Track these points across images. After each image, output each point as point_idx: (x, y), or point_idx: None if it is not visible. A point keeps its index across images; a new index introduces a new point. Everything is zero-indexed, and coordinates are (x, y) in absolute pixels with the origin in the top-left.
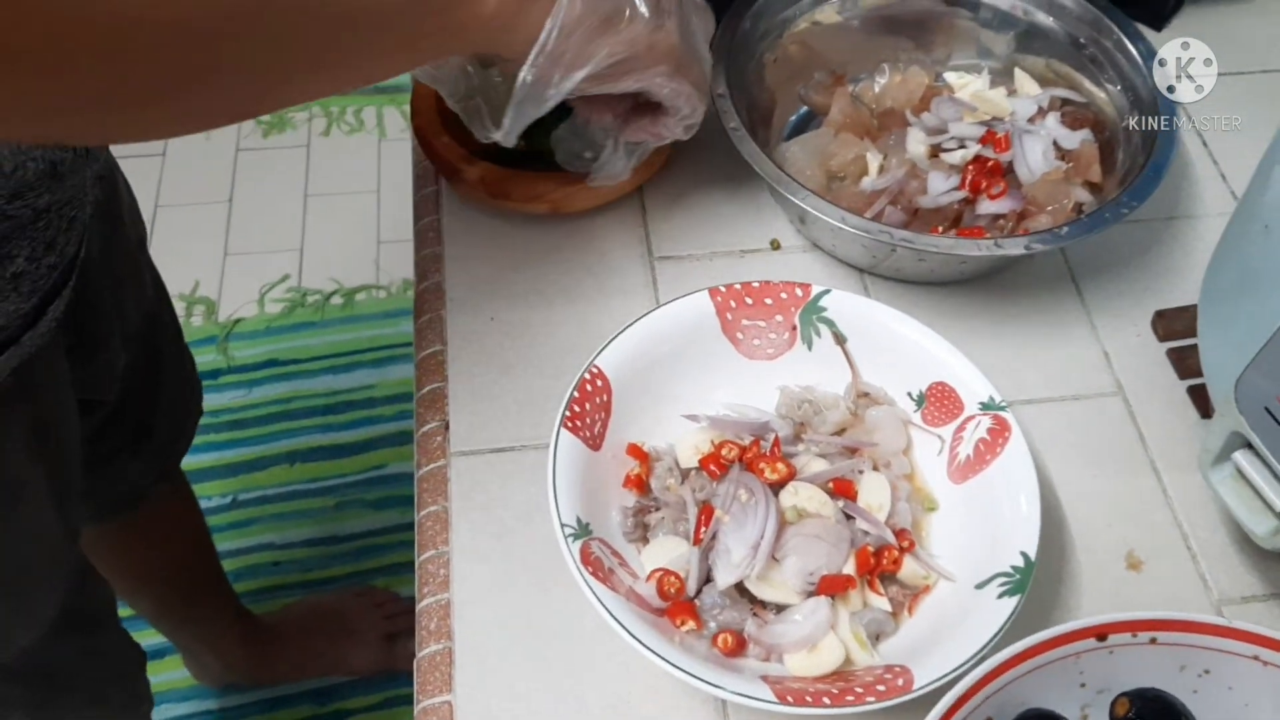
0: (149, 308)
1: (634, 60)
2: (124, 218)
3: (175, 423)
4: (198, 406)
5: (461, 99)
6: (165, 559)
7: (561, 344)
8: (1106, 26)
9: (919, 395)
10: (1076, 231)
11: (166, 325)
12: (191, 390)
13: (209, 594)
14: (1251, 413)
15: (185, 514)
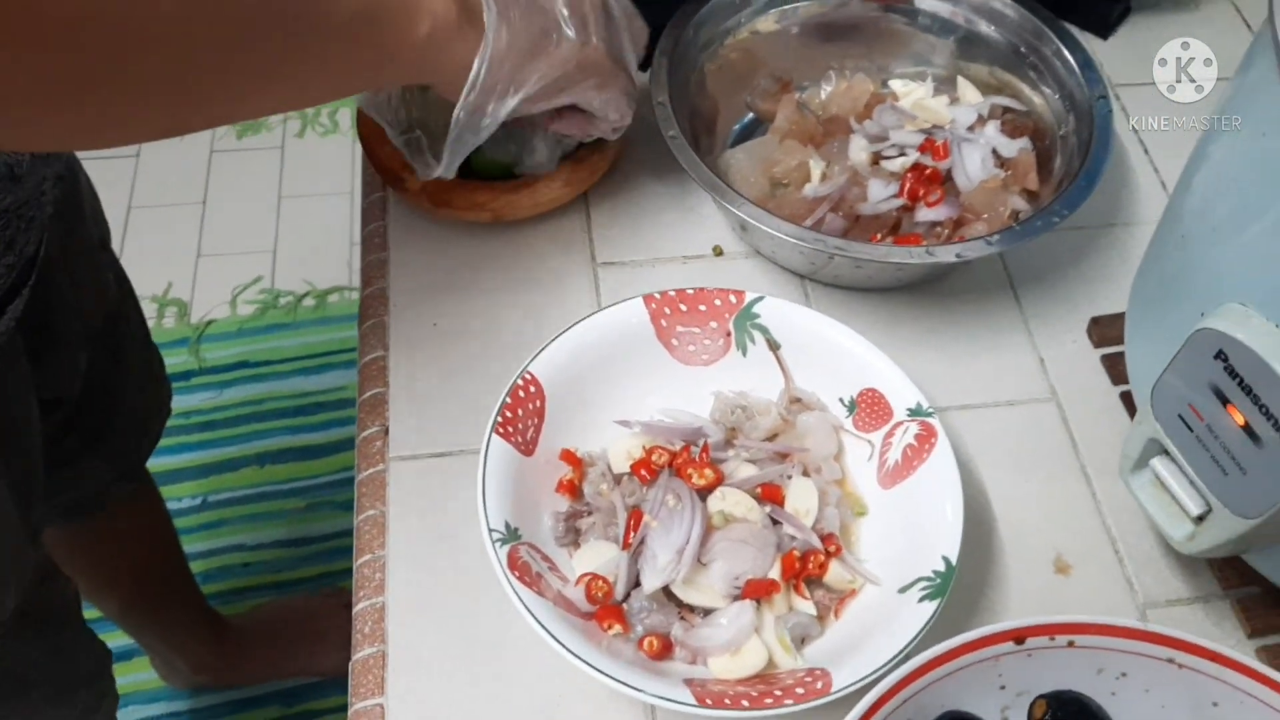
0: (111, 307)
1: (565, 79)
2: (85, 217)
3: (139, 423)
4: (165, 407)
5: (403, 131)
6: (131, 560)
7: (503, 349)
8: (1045, 34)
9: (850, 401)
10: (1008, 240)
11: (131, 325)
12: (158, 390)
13: (177, 596)
14: (1166, 420)
15: (151, 515)
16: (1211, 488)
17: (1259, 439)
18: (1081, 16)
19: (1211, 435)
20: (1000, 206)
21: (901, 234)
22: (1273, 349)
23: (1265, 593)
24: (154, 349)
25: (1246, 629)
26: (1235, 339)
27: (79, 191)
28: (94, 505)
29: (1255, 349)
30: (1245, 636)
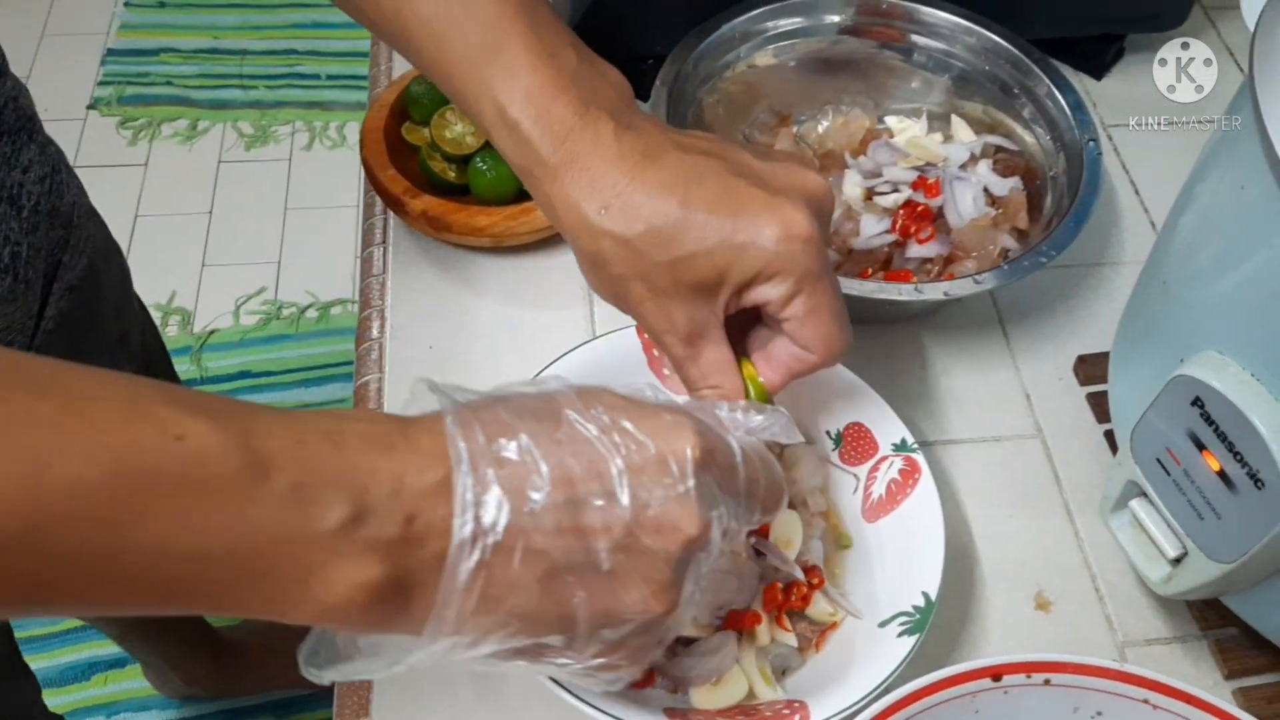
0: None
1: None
2: (103, 317)
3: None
4: None
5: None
6: None
7: (498, 375)
8: (1037, 75)
9: (837, 434)
10: (995, 279)
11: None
12: None
13: (177, 619)
14: (1145, 462)
15: None
16: (1188, 531)
17: (1234, 485)
18: (1076, 57)
19: (1188, 479)
20: (990, 245)
21: (893, 269)
22: (1248, 398)
23: (1243, 634)
24: (175, 378)
25: (1224, 670)
26: (1212, 387)
27: (98, 294)
28: None
29: (1231, 397)
30: (1222, 678)
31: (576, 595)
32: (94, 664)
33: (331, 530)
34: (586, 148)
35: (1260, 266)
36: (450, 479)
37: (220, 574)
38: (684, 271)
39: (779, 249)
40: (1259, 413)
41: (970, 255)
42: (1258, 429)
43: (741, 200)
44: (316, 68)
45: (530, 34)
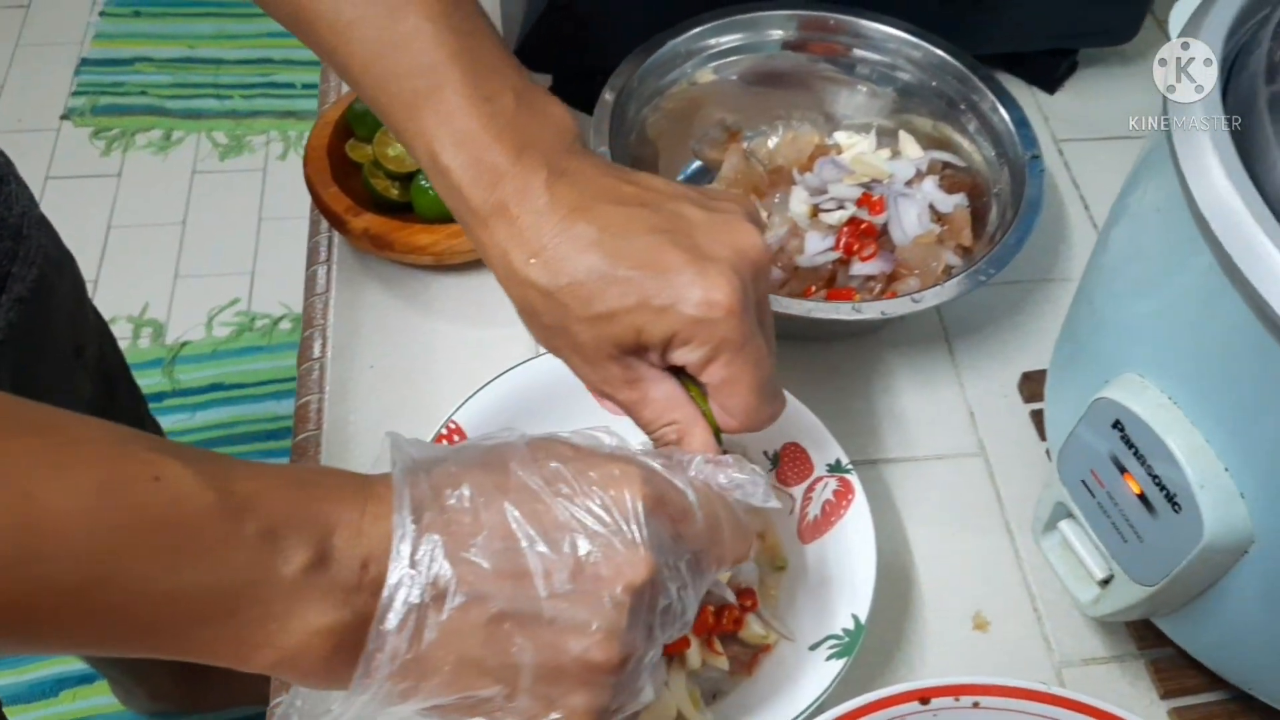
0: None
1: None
2: (57, 329)
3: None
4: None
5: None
6: None
7: (438, 394)
8: (982, 91)
9: (774, 455)
10: (933, 298)
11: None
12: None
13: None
14: (1072, 484)
15: None
16: (1113, 553)
17: (1153, 509)
18: (1028, 71)
19: (1112, 502)
20: (933, 262)
21: (836, 287)
22: (1165, 422)
23: (1179, 654)
24: (136, 390)
25: (1160, 690)
26: (1130, 410)
27: (51, 304)
28: None
29: (1148, 421)
30: (1158, 697)
31: (515, 643)
32: (62, 680)
33: (294, 575)
34: (516, 197)
35: (1174, 289)
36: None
37: (192, 614)
38: (604, 327)
39: (697, 314)
40: (1175, 437)
41: (914, 272)
42: (1174, 453)
43: (667, 262)
44: (291, 76)
45: (466, 79)
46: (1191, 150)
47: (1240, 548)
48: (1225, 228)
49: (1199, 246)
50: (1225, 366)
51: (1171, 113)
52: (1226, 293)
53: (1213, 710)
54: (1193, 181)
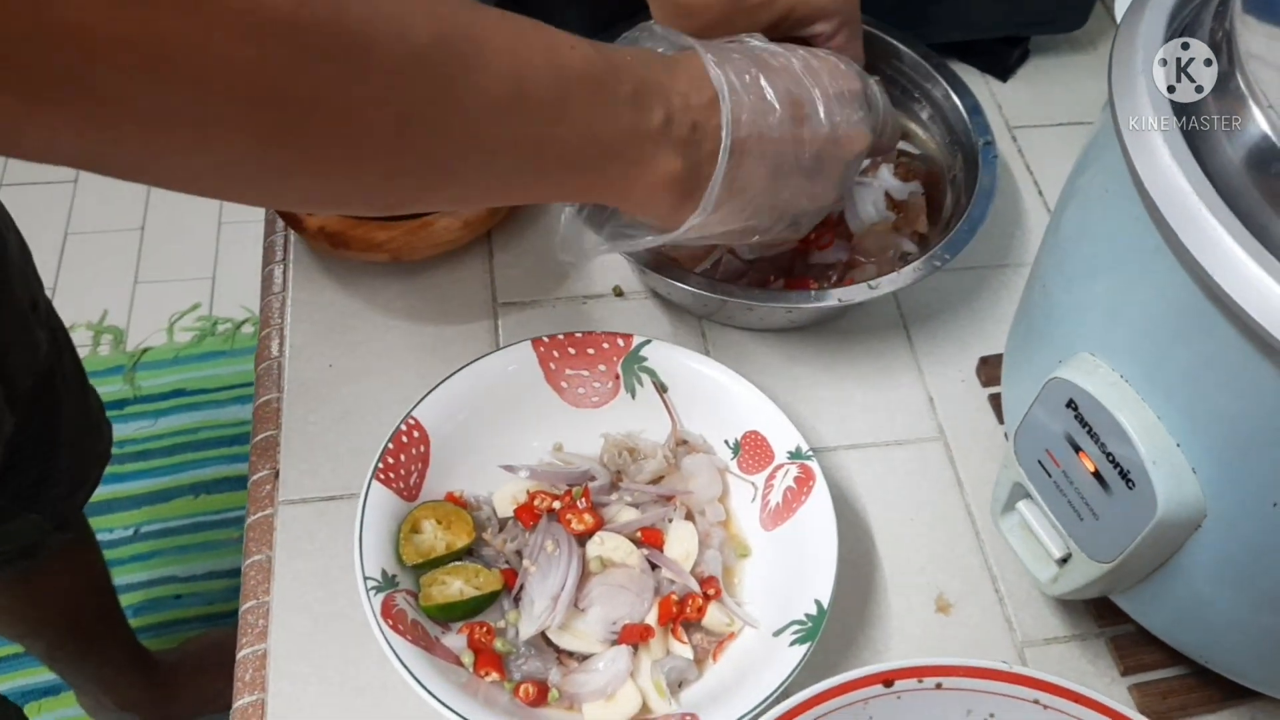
0: (42, 366)
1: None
2: (11, 282)
3: (77, 474)
4: (104, 451)
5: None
6: (62, 604)
7: (398, 391)
8: (935, 78)
9: (734, 443)
10: (889, 285)
11: (67, 378)
12: (95, 436)
13: (106, 636)
14: (1028, 465)
15: (84, 561)
16: (1070, 532)
17: (1108, 486)
18: (981, 59)
19: (1068, 481)
20: (890, 250)
21: (795, 276)
22: (1117, 400)
23: (1138, 631)
24: (92, 396)
25: (1120, 667)
26: (1084, 389)
27: (6, 256)
28: (27, 556)
29: (1101, 400)
30: (1119, 674)
31: (788, 188)
32: (27, 693)
33: (656, 128)
34: None
35: (1123, 269)
36: (716, 98)
37: (603, 153)
38: (763, 14)
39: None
40: (1127, 414)
41: (870, 260)
42: (1126, 430)
43: None
44: None
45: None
46: (1136, 129)
47: (1193, 522)
48: (1171, 207)
49: (1146, 226)
50: (1174, 344)
51: (1117, 95)
52: (1173, 271)
53: (1172, 685)
54: (1139, 162)
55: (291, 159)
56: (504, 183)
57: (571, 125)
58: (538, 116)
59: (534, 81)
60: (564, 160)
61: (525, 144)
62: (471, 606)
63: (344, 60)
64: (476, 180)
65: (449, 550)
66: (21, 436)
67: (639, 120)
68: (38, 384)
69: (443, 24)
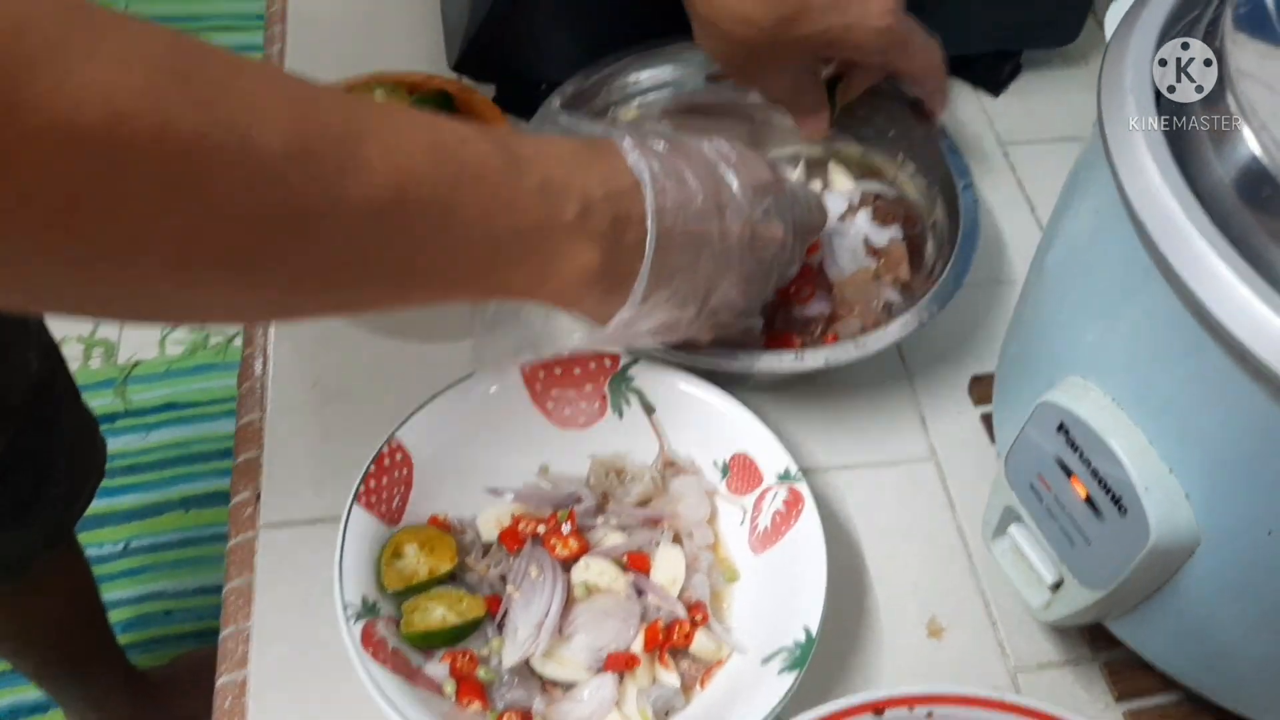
0: (35, 382)
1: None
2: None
3: (70, 489)
4: (98, 467)
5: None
6: (51, 621)
7: (384, 410)
8: (908, 120)
9: (723, 465)
10: (876, 343)
11: (60, 394)
12: (91, 454)
13: (95, 654)
14: (1020, 488)
15: (74, 578)
16: (1063, 557)
17: (1100, 512)
18: (973, 74)
19: (1059, 506)
20: (873, 300)
21: (775, 330)
22: (1109, 425)
23: (1132, 657)
24: (86, 412)
25: (1114, 693)
26: (1074, 413)
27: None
28: (17, 571)
29: (1092, 424)
30: (1113, 700)
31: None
32: (15, 710)
33: (569, 222)
34: None
35: (1113, 291)
36: (636, 185)
37: (504, 253)
38: (801, 47)
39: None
40: (1118, 439)
41: (853, 312)
42: (1118, 455)
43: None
44: None
45: None
46: (1126, 151)
47: (1187, 549)
48: (1160, 228)
49: (1135, 248)
50: (1165, 367)
51: (1106, 114)
52: (1163, 294)
53: (1166, 711)
54: (1127, 183)
55: (127, 278)
56: (395, 290)
57: (465, 226)
58: (423, 219)
59: (417, 182)
60: (460, 262)
61: (411, 249)
62: (454, 634)
63: (176, 177)
64: (359, 290)
65: (432, 575)
66: (13, 452)
67: (550, 213)
68: (28, 399)
69: (302, 128)
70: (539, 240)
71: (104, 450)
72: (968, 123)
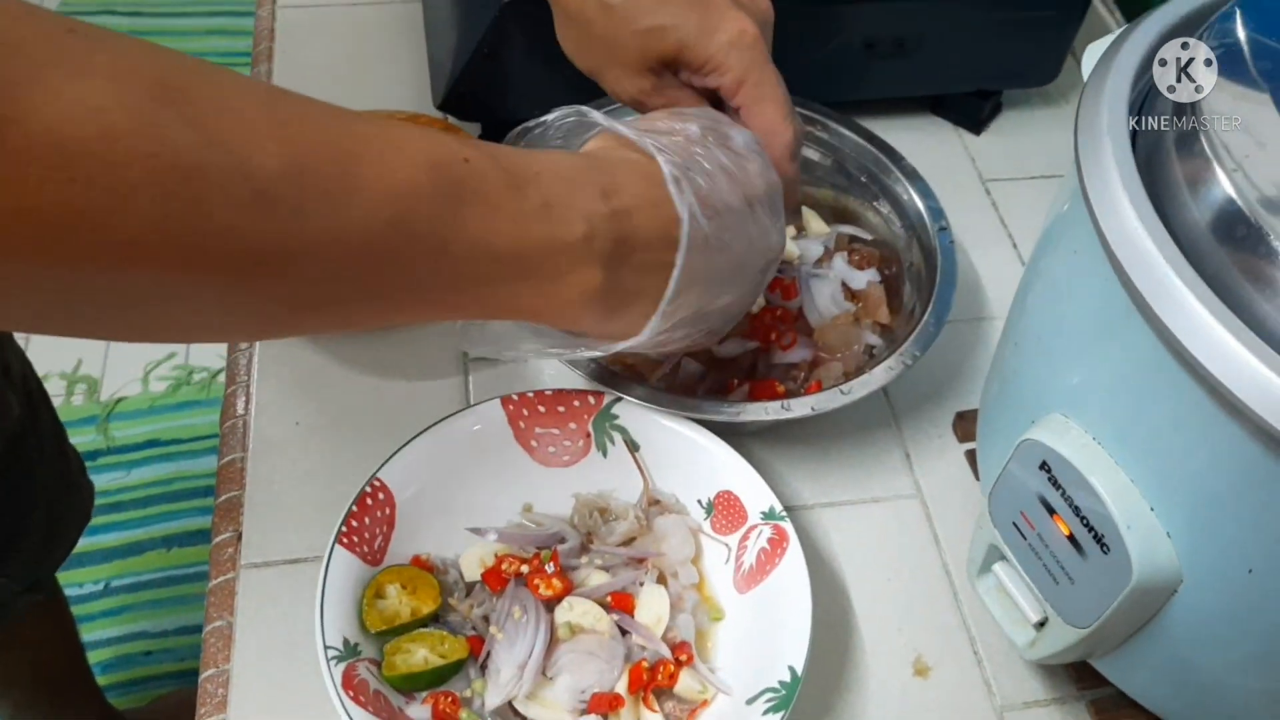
0: (13, 428)
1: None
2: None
3: (51, 535)
4: (83, 513)
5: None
6: (30, 666)
7: (366, 449)
8: (883, 163)
9: (708, 503)
10: (861, 389)
11: (41, 440)
12: (75, 499)
13: (75, 696)
14: (1003, 526)
15: (53, 620)
16: (1046, 596)
17: (1083, 550)
18: (953, 113)
19: (1042, 544)
20: (855, 344)
21: (758, 378)
22: (1089, 462)
23: (1118, 694)
24: (70, 456)
25: None
26: (1056, 451)
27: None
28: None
29: (1073, 462)
30: None
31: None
32: None
33: (573, 242)
34: None
35: (1092, 329)
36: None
37: (505, 273)
38: (652, 40)
39: (731, 40)
40: (1100, 477)
41: (835, 356)
42: (1099, 493)
43: (708, 1)
44: None
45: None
46: (1103, 192)
47: (1170, 588)
48: (1138, 269)
49: (1114, 288)
50: (1145, 406)
51: (1083, 156)
52: (1142, 333)
53: None
54: (1105, 223)
55: (118, 298)
56: (393, 308)
57: (466, 245)
58: (422, 238)
59: (416, 201)
60: (460, 281)
61: (410, 268)
62: (436, 675)
63: (169, 196)
64: (356, 308)
65: (414, 616)
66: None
67: (552, 233)
68: (7, 447)
69: (298, 148)
70: (541, 260)
71: (90, 495)
72: (949, 161)
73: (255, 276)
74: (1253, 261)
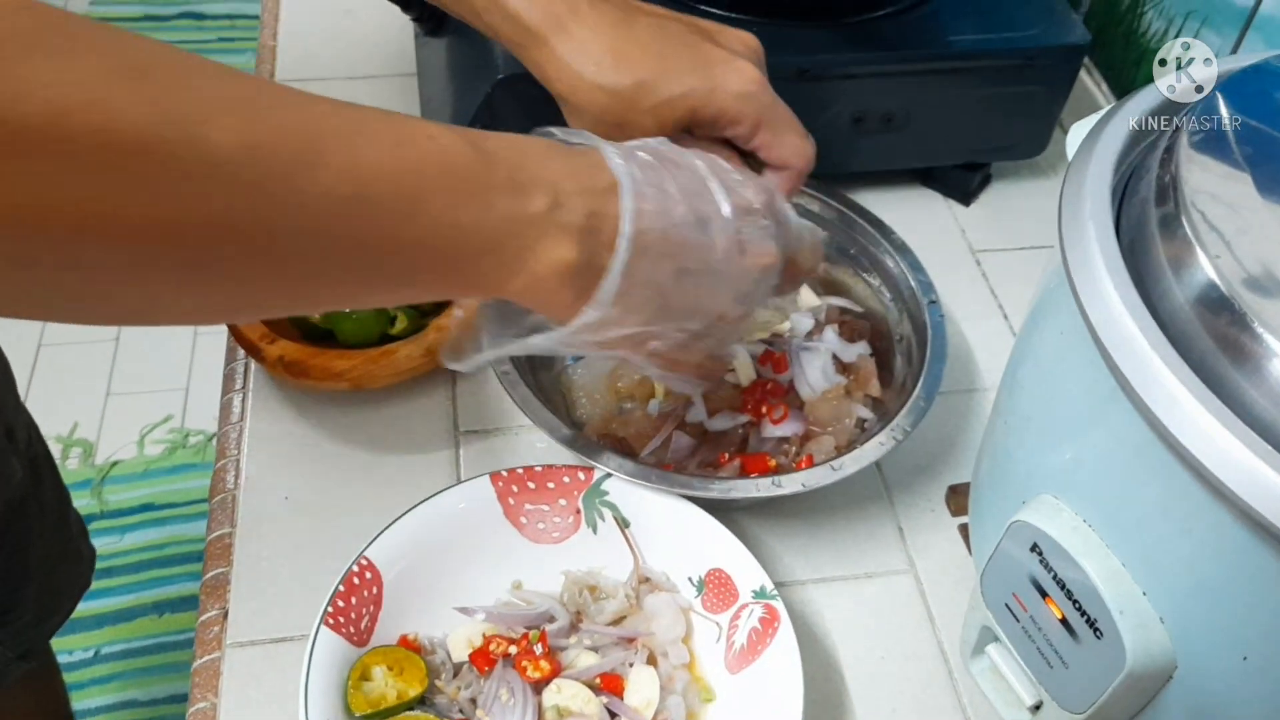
0: (15, 494)
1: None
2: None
3: (48, 605)
4: (83, 581)
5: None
6: None
7: (355, 525)
8: (872, 235)
9: (699, 581)
10: (853, 463)
11: (43, 506)
12: (73, 568)
13: None
14: (996, 607)
15: (44, 689)
16: (1041, 680)
17: (1076, 635)
18: (943, 185)
19: (1036, 627)
20: (846, 418)
21: (749, 452)
22: (1080, 546)
23: None
24: (71, 523)
25: None
26: (1047, 533)
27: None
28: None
29: (1064, 545)
30: None
31: (691, 293)
32: None
33: (537, 214)
34: (569, 15)
35: (1080, 411)
36: (614, 185)
37: (472, 245)
38: (665, 112)
39: (741, 90)
40: (1091, 561)
41: (827, 430)
42: (1091, 578)
43: (709, 57)
44: None
45: None
46: (1087, 276)
47: (1164, 674)
48: (1122, 353)
49: (1100, 371)
50: (1133, 490)
51: (1067, 241)
52: (1128, 417)
53: None
54: (1089, 306)
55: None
56: (360, 286)
57: (430, 221)
58: (386, 215)
59: (378, 178)
60: (426, 255)
61: (375, 245)
62: None
63: (123, 174)
64: (321, 286)
65: (400, 699)
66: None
67: (518, 204)
68: (6, 513)
69: (257, 127)
70: (506, 232)
71: (91, 562)
72: (940, 232)
73: (213, 255)
74: (1237, 345)
